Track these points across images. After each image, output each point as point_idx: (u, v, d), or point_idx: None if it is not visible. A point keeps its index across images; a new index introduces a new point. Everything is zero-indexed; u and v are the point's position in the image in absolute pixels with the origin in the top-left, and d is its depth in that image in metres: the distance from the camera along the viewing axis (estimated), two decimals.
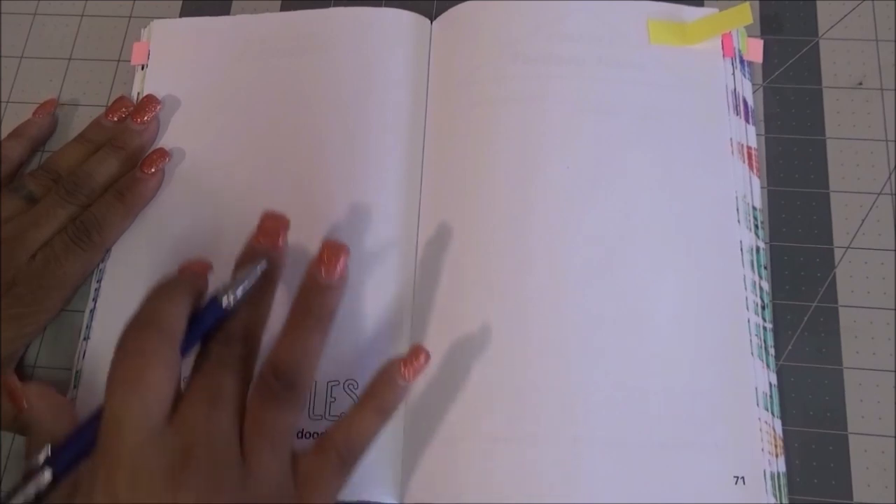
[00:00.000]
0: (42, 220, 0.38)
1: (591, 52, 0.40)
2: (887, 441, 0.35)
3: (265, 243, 0.33)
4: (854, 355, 0.36)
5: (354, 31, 0.43)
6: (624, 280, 0.36)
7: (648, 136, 0.39)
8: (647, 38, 0.41)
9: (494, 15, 0.42)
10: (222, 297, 0.31)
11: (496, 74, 0.40)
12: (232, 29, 0.44)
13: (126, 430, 0.27)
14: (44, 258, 0.37)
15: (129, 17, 0.47)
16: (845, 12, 0.42)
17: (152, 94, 0.42)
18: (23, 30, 0.47)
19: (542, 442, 0.34)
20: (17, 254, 0.37)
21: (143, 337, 0.28)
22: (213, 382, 0.29)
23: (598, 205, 0.38)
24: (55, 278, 0.37)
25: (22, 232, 0.37)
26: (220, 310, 0.31)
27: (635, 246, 0.37)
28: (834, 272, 0.38)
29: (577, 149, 0.39)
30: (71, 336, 0.39)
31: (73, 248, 0.38)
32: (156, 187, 0.40)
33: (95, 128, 0.42)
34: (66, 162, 0.40)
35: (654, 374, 0.35)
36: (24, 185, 0.39)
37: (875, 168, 0.39)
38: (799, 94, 0.41)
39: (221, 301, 0.31)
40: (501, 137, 0.39)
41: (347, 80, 0.41)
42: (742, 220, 0.38)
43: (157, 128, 0.42)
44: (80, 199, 0.39)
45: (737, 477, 0.33)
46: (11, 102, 0.45)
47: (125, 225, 0.40)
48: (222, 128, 0.42)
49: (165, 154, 0.41)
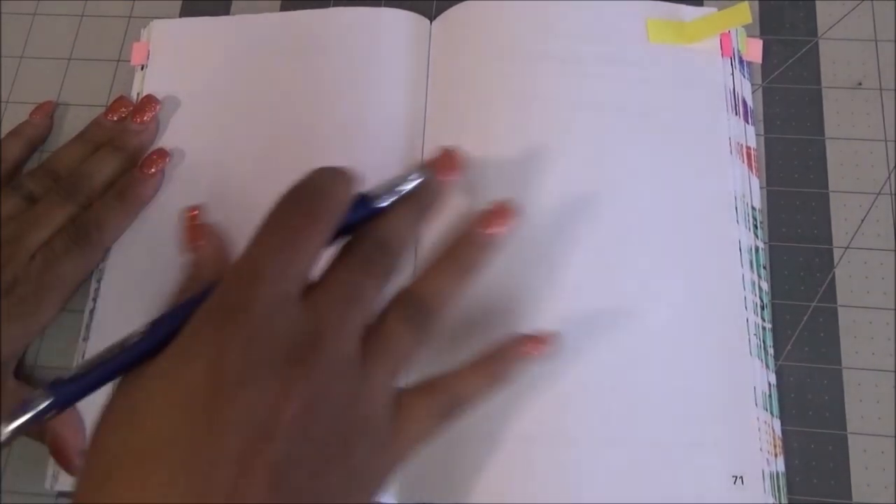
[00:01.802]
0: (42, 220, 0.38)
1: (590, 51, 0.40)
2: (887, 441, 0.35)
3: (436, 172, 0.31)
4: (853, 355, 0.36)
5: (354, 31, 0.43)
6: (622, 279, 0.36)
7: (647, 135, 0.39)
8: (646, 36, 0.41)
9: (494, 14, 0.42)
10: (375, 197, 0.29)
11: (495, 73, 0.40)
12: (232, 29, 0.44)
13: (264, 288, 0.24)
14: (44, 258, 0.37)
15: (129, 17, 0.47)
16: (845, 12, 0.42)
17: (151, 95, 0.42)
18: (23, 30, 0.47)
19: (541, 442, 0.34)
20: (18, 254, 0.37)
21: (311, 203, 0.26)
22: (356, 281, 0.27)
23: (597, 204, 0.38)
24: (55, 278, 0.37)
25: (22, 232, 0.37)
26: (371, 206, 0.29)
27: (633, 245, 0.37)
28: (833, 272, 0.38)
29: (576, 147, 0.39)
30: (70, 336, 0.39)
31: (72, 249, 0.38)
32: (155, 187, 0.40)
33: (95, 128, 0.42)
34: (66, 162, 0.40)
35: (652, 373, 0.35)
36: (24, 185, 0.39)
37: (875, 168, 0.39)
38: (798, 94, 0.41)
39: (373, 201, 0.29)
40: (500, 136, 0.39)
41: (347, 80, 0.41)
42: (741, 220, 0.38)
43: (157, 128, 0.42)
44: (80, 199, 0.39)
45: (735, 477, 0.33)
46: (11, 102, 0.45)
47: (125, 225, 0.40)
48: (222, 128, 0.42)
49: (165, 154, 0.41)
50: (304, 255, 0.26)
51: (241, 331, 0.23)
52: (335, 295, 0.27)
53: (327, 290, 0.27)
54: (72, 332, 0.39)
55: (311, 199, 0.27)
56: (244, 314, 0.24)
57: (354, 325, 0.27)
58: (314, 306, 0.26)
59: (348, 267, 0.28)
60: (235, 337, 0.23)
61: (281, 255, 0.25)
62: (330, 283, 0.27)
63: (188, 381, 0.23)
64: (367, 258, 0.28)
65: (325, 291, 0.26)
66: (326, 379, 0.24)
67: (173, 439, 0.22)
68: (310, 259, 0.26)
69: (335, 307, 0.26)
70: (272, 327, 0.24)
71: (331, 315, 0.26)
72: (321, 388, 0.24)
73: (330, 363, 0.25)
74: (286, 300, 0.25)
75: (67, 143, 0.42)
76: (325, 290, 0.27)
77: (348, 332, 0.26)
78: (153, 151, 0.41)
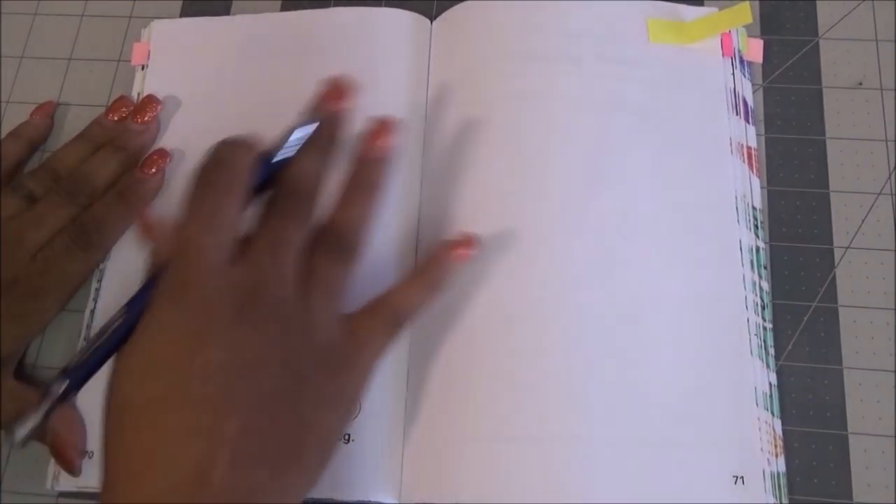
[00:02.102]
0: (42, 220, 0.38)
1: (591, 51, 0.40)
2: (887, 441, 0.35)
3: (323, 107, 0.33)
4: (854, 355, 0.36)
5: (354, 31, 0.43)
6: (624, 279, 0.36)
7: (647, 135, 0.39)
8: (647, 36, 0.41)
9: (494, 14, 0.42)
10: (277, 151, 0.32)
11: (496, 73, 0.40)
12: (232, 29, 0.44)
13: (200, 259, 0.28)
14: (44, 258, 0.37)
15: (129, 17, 0.47)
16: (845, 12, 0.42)
17: (153, 95, 0.42)
18: (23, 30, 0.47)
19: (542, 441, 0.34)
20: (18, 254, 0.37)
21: (218, 176, 0.29)
22: (277, 230, 0.30)
23: (598, 203, 0.38)
24: (55, 279, 0.37)
25: (22, 232, 0.37)
26: (274, 163, 0.32)
27: (635, 245, 0.37)
28: (834, 272, 0.38)
29: (577, 147, 0.39)
30: (70, 336, 0.39)
31: (72, 249, 0.38)
32: (156, 188, 0.40)
33: (96, 127, 0.42)
34: (67, 161, 0.40)
35: (653, 373, 0.35)
36: (24, 185, 0.39)
37: (875, 168, 0.39)
38: (799, 94, 0.41)
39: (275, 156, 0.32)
40: (501, 136, 0.39)
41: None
42: (742, 220, 0.37)
43: (158, 128, 0.42)
44: (81, 199, 0.39)
45: (736, 476, 0.33)
46: (11, 102, 0.45)
47: (126, 225, 0.40)
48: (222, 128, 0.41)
49: (166, 154, 0.41)
50: (224, 222, 0.29)
51: (192, 298, 0.27)
52: (263, 246, 0.29)
53: (255, 245, 0.30)
54: (72, 333, 0.39)
55: (218, 171, 0.30)
56: (190, 285, 0.27)
57: (286, 269, 0.29)
58: (248, 263, 0.29)
59: (269, 218, 0.31)
60: (186, 307, 0.27)
61: (204, 227, 0.28)
62: (257, 237, 0.30)
63: (154, 356, 0.27)
64: (283, 206, 0.31)
65: (253, 247, 0.29)
66: (273, 326, 0.28)
67: (155, 409, 0.26)
68: (230, 224, 0.29)
69: (265, 259, 0.29)
70: (216, 291, 0.27)
71: (262, 265, 0.29)
72: (271, 333, 0.28)
73: (272, 310, 0.28)
74: (220, 264, 0.28)
75: (68, 143, 0.42)
76: (253, 246, 0.29)
77: (282, 277, 0.29)
78: (154, 152, 0.41)
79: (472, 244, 0.34)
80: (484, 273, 0.37)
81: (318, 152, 0.33)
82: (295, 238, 0.30)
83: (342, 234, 0.32)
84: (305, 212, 0.31)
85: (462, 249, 0.34)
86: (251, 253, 0.29)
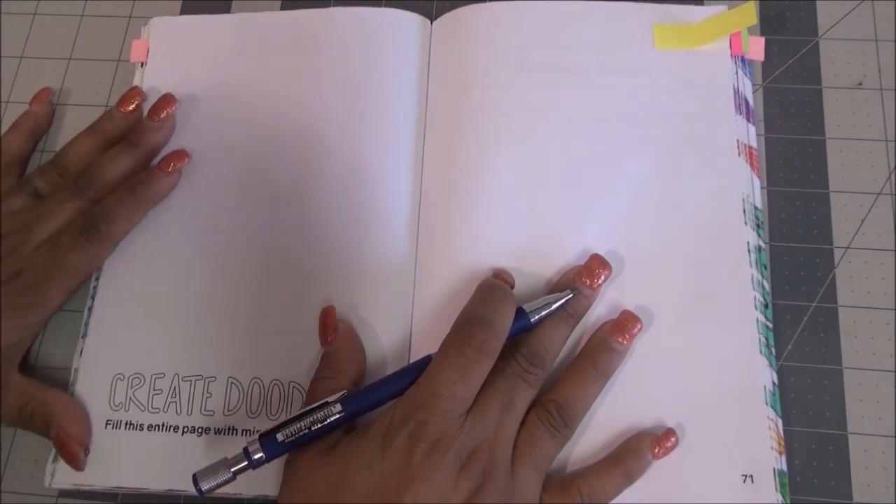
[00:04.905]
0: (49, 213, 0.38)
1: (596, 62, 0.40)
2: (887, 441, 0.35)
3: (584, 282, 0.35)
4: (854, 355, 0.36)
5: (354, 31, 0.43)
6: (634, 279, 0.36)
7: (656, 143, 0.39)
8: (653, 43, 0.41)
9: (496, 21, 0.42)
10: (532, 312, 0.34)
11: (500, 82, 0.40)
12: (232, 27, 0.44)
13: (443, 409, 0.30)
14: (49, 248, 0.37)
15: (128, 17, 0.47)
16: (845, 12, 0.42)
17: (169, 93, 0.42)
18: (23, 30, 0.47)
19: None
20: (20, 244, 0.37)
21: (482, 335, 0.32)
22: (511, 392, 0.32)
23: (606, 210, 0.38)
24: (60, 269, 0.37)
25: (27, 224, 0.37)
26: (527, 322, 0.34)
27: (646, 251, 0.37)
28: (834, 272, 0.38)
29: (583, 157, 0.39)
30: (69, 334, 0.39)
31: (80, 240, 0.37)
32: (170, 187, 0.40)
33: (107, 119, 0.42)
34: (76, 155, 0.40)
35: (664, 373, 0.35)
36: (31, 181, 0.39)
37: (875, 168, 0.39)
38: (799, 94, 0.41)
39: (531, 316, 0.34)
40: (501, 141, 0.39)
41: (347, 80, 0.41)
42: (748, 221, 0.37)
43: (173, 126, 0.42)
44: (90, 195, 0.39)
45: (745, 475, 0.33)
46: (11, 102, 0.45)
47: (134, 220, 0.39)
48: (221, 126, 0.42)
49: (185, 156, 0.40)
50: (473, 381, 0.31)
51: (425, 438, 0.30)
52: (494, 405, 0.32)
53: (487, 403, 0.32)
54: (72, 332, 0.39)
55: (483, 330, 0.32)
56: (427, 430, 0.30)
57: (509, 431, 0.32)
58: (480, 416, 0.31)
59: (505, 376, 0.33)
60: (420, 443, 0.30)
61: (454, 383, 0.31)
62: (491, 393, 0.32)
63: (382, 470, 0.30)
64: (521, 368, 0.33)
65: (485, 403, 0.32)
66: (484, 482, 0.30)
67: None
68: (477, 382, 0.32)
69: (493, 417, 0.32)
70: (448, 441, 0.30)
71: (488, 426, 0.31)
72: (480, 491, 0.30)
73: (489, 466, 0.31)
74: (458, 416, 0.31)
75: (78, 136, 0.41)
76: (485, 402, 0.32)
77: (504, 438, 0.32)
78: (173, 152, 0.40)
79: (671, 438, 0.33)
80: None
81: (565, 325, 0.35)
82: (523, 402, 0.33)
83: (568, 413, 0.33)
84: (539, 380, 0.33)
85: (662, 449, 0.33)
86: (485, 409, 0.32)
